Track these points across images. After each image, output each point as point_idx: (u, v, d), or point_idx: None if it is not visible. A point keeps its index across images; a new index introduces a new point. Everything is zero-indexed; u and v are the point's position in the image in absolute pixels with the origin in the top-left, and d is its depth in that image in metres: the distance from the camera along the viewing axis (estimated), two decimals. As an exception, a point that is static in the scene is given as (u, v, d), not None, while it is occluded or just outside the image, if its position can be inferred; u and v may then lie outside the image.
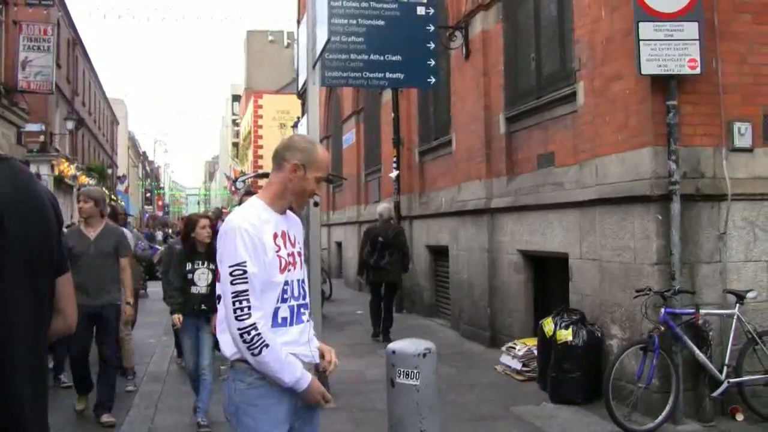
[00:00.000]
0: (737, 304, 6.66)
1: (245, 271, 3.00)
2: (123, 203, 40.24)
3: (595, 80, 7.97)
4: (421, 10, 8.76)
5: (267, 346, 2.98)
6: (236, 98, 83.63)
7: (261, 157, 54.47)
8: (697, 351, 6.53)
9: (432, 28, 8.91)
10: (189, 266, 6.95)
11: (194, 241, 6.99)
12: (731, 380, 6.57)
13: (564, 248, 8.55)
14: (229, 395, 3.16)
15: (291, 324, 3.18)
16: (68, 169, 30.43)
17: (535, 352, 8.33)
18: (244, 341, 2.97)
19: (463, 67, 11.83)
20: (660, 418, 6.45)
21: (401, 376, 3.71)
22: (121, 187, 54.69)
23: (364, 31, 8.52)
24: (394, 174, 15.36)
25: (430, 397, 3.76)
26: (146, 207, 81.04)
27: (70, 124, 29.92)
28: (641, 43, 6.73)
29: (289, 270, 3.18)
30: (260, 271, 3.04)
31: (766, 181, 7.14)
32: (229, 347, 3.11)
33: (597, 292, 7.80)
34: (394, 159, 15.43)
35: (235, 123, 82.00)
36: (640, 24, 6.75)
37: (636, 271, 7.09)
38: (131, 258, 8.31)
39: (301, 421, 3.23)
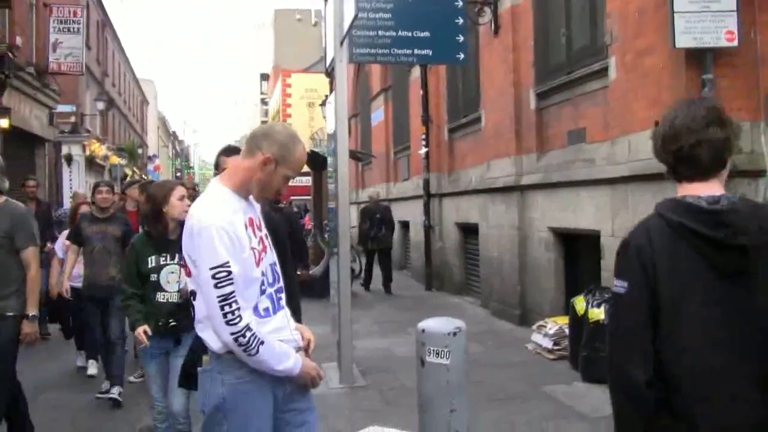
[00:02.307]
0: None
1: (230, 272, 2.83)
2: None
3: (627, 54, 7.82)
4: (450, -15, 8.66)
5: (263, 343, 2.88)
6: (264, 77, 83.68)
7: (290, 135, 54.44)
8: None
9: (460, 3, 8.84)
10: (152, 261, 4.88)
11: (165, 223, 4.89)
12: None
13: (595, 225, 8.44)
14: (212, 388, 2.99)
15: (274, 312, 3.07)
16: (99, 149, 30.63)
17: (566, 330, 8.24)
18: (240, 344, 2.85)
19: (492, 43, 11.68)
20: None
21: (431, 355, 3.67)
22: (151, 166, 55.03)
23: (392, 7, 8.44)
24: (423, 151, 15.28)
25: (460, 377, 3.71)
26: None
27: (100, 105, 30.07)
28: (676, 15, 6.58)
29: (262, 259, 3.04)
30: (241, 269, 2.88)
31: (805, 156, 6.97)
32: (214, 342, 2.96)
33: (629, 270, 7.67)
34: (423, 136, 15.34)
35: (263, 102, 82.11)
36: (675, -5, 6.59)
37: (669, 248, 6.94)
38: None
39: (296, 403, 3.15)
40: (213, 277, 2.82)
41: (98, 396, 7.21)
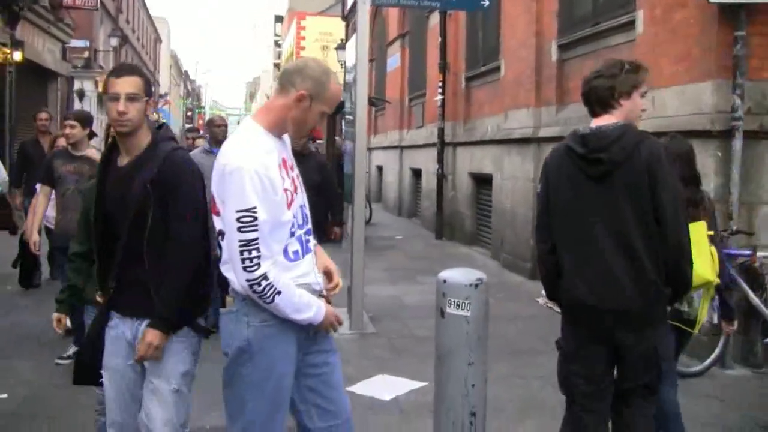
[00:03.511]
0: (796, 247, 6.43)
1: (255, 218, 2.76)
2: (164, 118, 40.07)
3: (656, 8, 7.63)
4: (477, -71, 8.41)
5: (279, 293, 2.82)
6: (279, 19, 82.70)
7: (303, 79, 54.10)
8: (751, 294, 6.32)
9: (487, -52, 8.57)
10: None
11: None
12: (785, 325, 6.39)
13: (614, 182, 8.31)
14: (237, 330, 2.93)
15: (303, 256, 3.02)
16: (111, 85, 30.51)
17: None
18: (255, 291, 2.80)
19: (516, -10, 11.45)
20: (708, 361, 6.29)
21: (452, 306, 3.60)
22: (162, 104, 54.78)
23: (418, -50, 8.21)
24: (438, 98, 15.11)
25: (479, 329, 3.65)
26: (187, 125, 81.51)
27: (114, 41, 29.83)
28: (710, -32, 6.38)
29: (293, 201, 2.97)
30: (270, 215, 2.81)
31: (834, 120, 6.82)
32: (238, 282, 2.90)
33: (647, 228, 7.58)
34: (440, 84, 15.15)
35: (277, 44, 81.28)
36: (712, -53, 6.38)
37: (690, 208, 6.85)
38: None
39: (319, 345, 3.13)
40: (238, 220, 2.77)
41: (58, 362, 6.28)
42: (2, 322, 7.72)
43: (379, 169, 22.98)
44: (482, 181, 13.53)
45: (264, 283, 2.78)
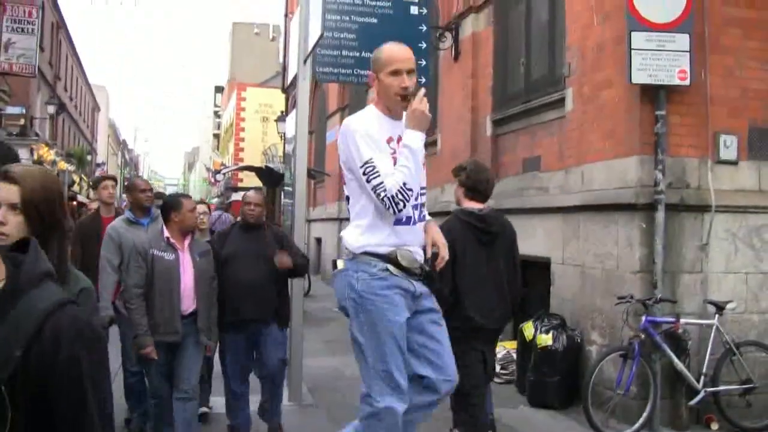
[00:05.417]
0: (716, 315, 6.72)
1: (375, 167, 3.42)
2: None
3: (584, 87, 8.00)
4: (414, 10, 8.74)
5: (402, 202, 3.40)
6: (219, 89, 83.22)
7: (242, 149, 54.01)
8: (675, 360, 6.59)
9: (424, 28, 8.90)
10: None
11: None
12: (708, 389, 6.62)
13: (546, 253, 8.58)
14: (348, 283, 3.40)
15: (415, 223, 3.56)
16: (48, 154, 30.13)
17: (514, 355, 8.35)
18: (393, 209, 3.39)
19: (452, 68, 11.84)
20: (637, 425, 6.50)
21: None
22: (98, 173, 54.14)
23: (357, 28, 8.49)
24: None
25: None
26: (124, 195, 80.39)
27: (51, 109, 29.59)
28: (633, 52, 6.77)
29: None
30: (390, 167, 3.48)
31: (749, 194, 7.22)
32: (354, 240, 3.47)
33: (578, 297, 7.83)
34: (379, 157, 15.36)
35: (216, 114, 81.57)
36: (633, 33, 6.78)
37: (618, 278, 7.13)
38: None
39: (419, 316, 3.59)
40: (363, 173, 3.44)
41: None
42: None
43: (318, 240, 23.05)
44: (420, 252, 13.68)
45: (396, 199, 3.39)
